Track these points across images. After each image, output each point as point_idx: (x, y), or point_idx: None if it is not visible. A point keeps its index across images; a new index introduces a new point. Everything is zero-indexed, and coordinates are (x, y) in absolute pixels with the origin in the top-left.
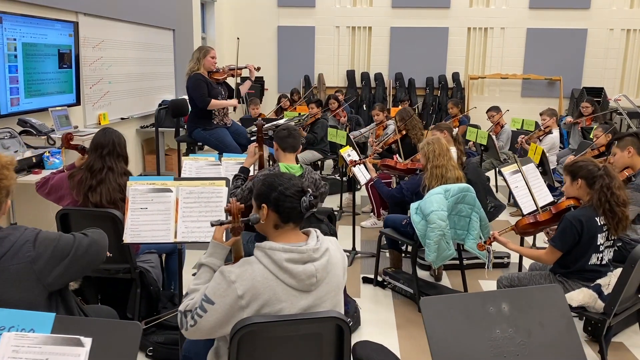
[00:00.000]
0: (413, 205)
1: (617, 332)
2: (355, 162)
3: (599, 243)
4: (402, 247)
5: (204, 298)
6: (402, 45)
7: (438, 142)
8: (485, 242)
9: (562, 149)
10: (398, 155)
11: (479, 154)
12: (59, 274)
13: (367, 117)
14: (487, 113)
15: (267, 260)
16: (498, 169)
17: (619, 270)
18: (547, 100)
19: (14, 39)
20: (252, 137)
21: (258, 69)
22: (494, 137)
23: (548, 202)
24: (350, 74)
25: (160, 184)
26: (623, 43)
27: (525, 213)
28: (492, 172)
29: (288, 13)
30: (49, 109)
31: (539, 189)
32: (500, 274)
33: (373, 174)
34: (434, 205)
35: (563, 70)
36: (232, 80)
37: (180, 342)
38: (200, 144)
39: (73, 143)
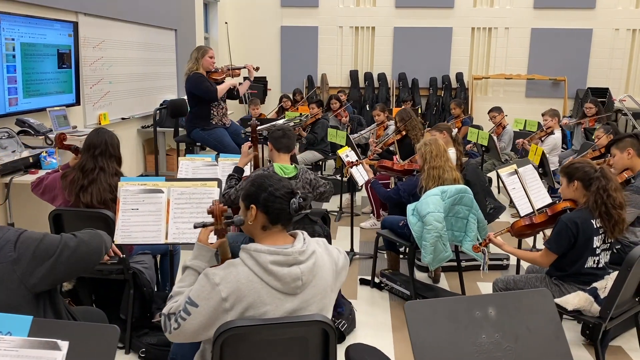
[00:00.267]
0: (410, 207)
1: (615, 335)
2: (352, 163)
3: (595, 246)
4: (399, 248)
5: (188, 300)
6: (405, 46)
7: (435, 143)
8: (481, 243)
9: (565, 150)
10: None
11: (480, 155)
12: (43, 275)
13: (370, 117)
14: (488, 114)
15: (252, 263)
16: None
17: (616, 274)
18: (551, 101)
19: (12, 39)
20: (245, 137)
21: (257, 69)
22: (495, 138)
23: (546, 203)
24: (354, 74)
25: (152, 185)
26: (628, 43)
27: (523, 215)
28: (493, 173)
29: (291, 13)
30: (47, 109)
31: (537, 191)
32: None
33: (370, 175)
34: (431, 207)
35: (568, 71)
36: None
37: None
38: (200, 144)
39: (66, 143)
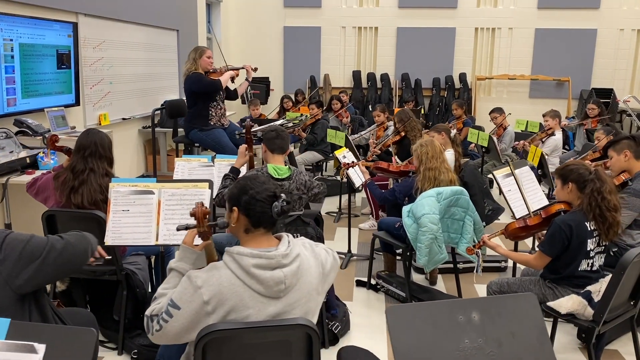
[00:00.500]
0: (405, 208)
1: (612, 339)
2: (348, 164)
3: (589, 249)
4: (396, 250)
5: (170, 303)
6: (408, 46)
7: (431, 144)
8: (475, 246)
9: (567, 151)
10: (397, 157)
11: (481, 156)
12: (29, 277)
13: (372, 118)
14: (489, 114)
15: (234, 266)
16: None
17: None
18: (555, 102)
19: (11, 40)
20: (239, 138)
21: (255, 70)
22: (495, 139)
23: (543, 205)
24: (356, 75)
25: (142, 186)
26: (633, 43)
27: (518, 217)
28: None
29: (294, 13)
30: (45, 110)
31: (534, 193)
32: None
33: (366, 177)
34: (426, 209)
35: (572, 71)
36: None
37: None
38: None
39: (58, 144)
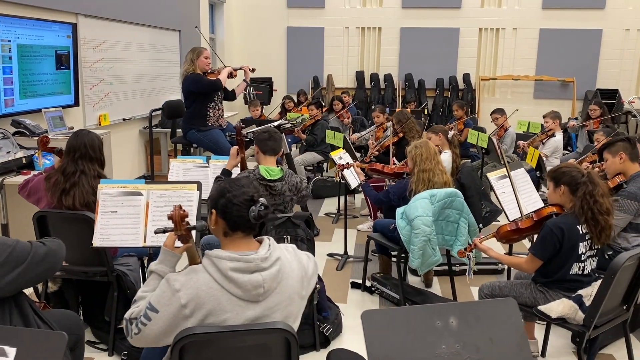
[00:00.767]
0: (399, 210)
1: (606, 343)
2: (343, 165)
3: (581, 252)
4: (391, 252)
5: (149, 306)
6: (412, 46)
7: (426, 145)
8: (466, 248)
9: (570, 153)
10: (395, 159)
11: (481, 157)
12: (11, 280)
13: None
14: (491, 115)
15: (213, 269)
16: (485, 174)
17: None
18: (560, 102)
19: (9, 41)
20: (230, 139)
21: (253, 71)
22: (495, 140)
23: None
24: (360, 75)
25: (131, 187)
26: (639, 44)
27: (512, 219)
28: None
29: (297, 14)
30: (42, 110)
31: (529, 195)
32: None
33: (361, 178)
34: (419, 211)
35: (577, 72)
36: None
37: None
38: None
39: (49, 146)
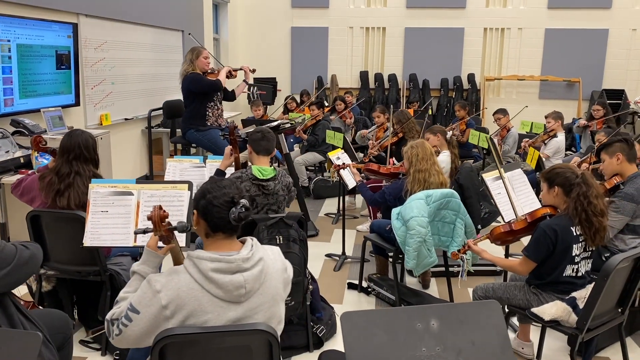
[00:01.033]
0: (394, 211)
1: (603, 346)
2: (339, 166)
3: (575, 254)
4: (388, 253)
5: (130, 307)
6: (416, 46)
7: (422, 146)
8: (459, 250)
9: (574, 153)
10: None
11: (482, 158)
12: None
13: None
14: (493, 115)
15: (194, 270)
16: (480, 175)
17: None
18: (565, 102)
19: (8, 40)
20: (224, 139)
21: (253, 71)
22: (495, 140)
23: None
24: (364, 75)
25: (122, 187)
26: None
27: (507, 220)
28: None
29: (301, 14)
30: (41, 110)
31: (526, 196)
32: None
33: (357, 178)
34: (414, 211)
35: (582, 72)
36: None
37: None
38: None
39: (42, 146)
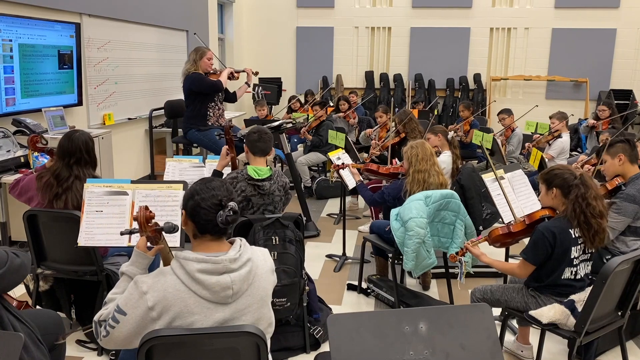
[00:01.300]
0: (393, 211)
1: (604, 350)
2: (339, 166)
3: (573, 256)
4: (388, 254)
5: (117, 309)
6: (422, 46)
7: (422, 146)
8: (457, 252)
9: (579, 154)
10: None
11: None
12: None
13: None
14: (498, 115)
15: (180, 271)
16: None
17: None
18: (572, 103)
19: (10, 40)
20: (220, 139)
21: (256, 74)
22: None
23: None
24: (369, 75)
25: (117, 187)
26: None
27: (506, 222)
28: None
29: (307, 14)
30: (43, 110)
31: (526, 197)
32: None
33: (357, 178)
34: (413, 212)
35: (590, 72)
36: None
37: None
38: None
39: (39, 146)
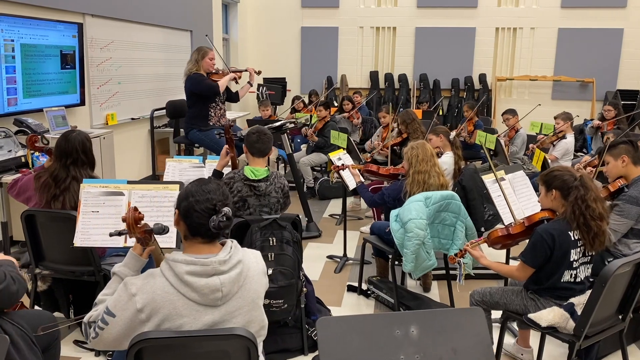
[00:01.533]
0: (393, 212)
1: (606, 353)
2: (338, 167)
3: (573, 259)
4: (388, 255)
5: (106, 310)
6: (427, 46)
7: (422, 146)
8: (456, 254)
9: (584, 155)
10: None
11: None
12: None
13: None
14: (502, 116)
15: (169, 273)
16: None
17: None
18: (579, 103)
19: (12, 40)
20: (220, 138)
21: (259, 73)
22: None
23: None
24: (374, 75)
25: (113, 187)
26: None
27: (507, 223)
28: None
29: (311, 14)
30: (44, 109)
31: (527, 199)
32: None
33: (357, 179)
34: (412, 213)
35: (597, 72)
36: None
37: None
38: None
39: (38, 145)
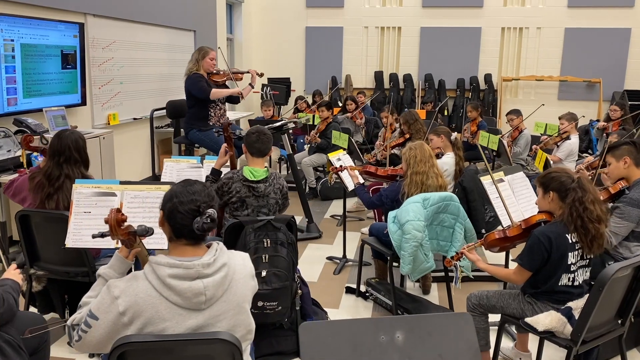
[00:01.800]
0: (391, 214)
1: (606, 358)
2: (337, 168)
3: (570, 262)
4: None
5: (89, 313)
6: (432, 46)
7: (421, 147)
8: (453, 257)
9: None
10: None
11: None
12: None
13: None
14: (506, 116)
15: (152, 276)
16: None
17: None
18: (585, 104)
19: (12, 40)
20: (219, 136)
21: (261, 75)
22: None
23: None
24: (378, 75)
25: (105, 188)
26: None
27: (505, 225)
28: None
29: (316, 13)
30: (44, 109)
31: (527, 200)
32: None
33: (356, 180)
34: (410, 215)
35: (603, 72)
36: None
37: None
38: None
39: (33, 145)
